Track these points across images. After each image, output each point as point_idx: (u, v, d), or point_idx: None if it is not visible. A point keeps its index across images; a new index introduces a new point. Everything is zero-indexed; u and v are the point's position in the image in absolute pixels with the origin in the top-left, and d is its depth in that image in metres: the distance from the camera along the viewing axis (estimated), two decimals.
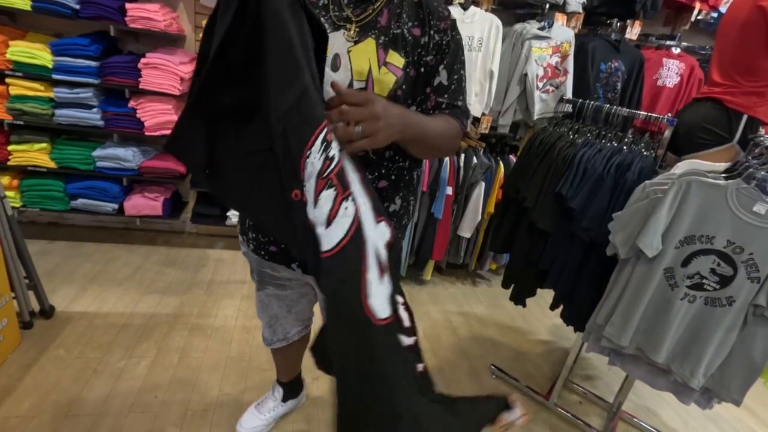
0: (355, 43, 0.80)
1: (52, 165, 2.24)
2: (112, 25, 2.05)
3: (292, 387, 1.54)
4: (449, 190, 2.42)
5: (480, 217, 2.52)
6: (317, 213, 0.64)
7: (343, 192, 0.66)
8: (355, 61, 0.79)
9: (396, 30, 0.80)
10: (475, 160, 2.45)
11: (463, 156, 2.47)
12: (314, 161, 0.63)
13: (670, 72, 2.55)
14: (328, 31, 0.76)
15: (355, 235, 0.66)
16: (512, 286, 1.73)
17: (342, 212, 0.65)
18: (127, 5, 2.03)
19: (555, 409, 1.83)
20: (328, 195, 0.64)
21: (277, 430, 1.52)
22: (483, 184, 2.47)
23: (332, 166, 0.65)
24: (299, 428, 1.55)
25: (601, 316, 1.29)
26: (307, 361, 0.95)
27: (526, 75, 2.38)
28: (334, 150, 0.65)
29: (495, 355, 2.15)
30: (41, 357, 1.66)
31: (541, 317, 2.53)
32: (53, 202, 2.33)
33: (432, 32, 0.82)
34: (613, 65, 2.44)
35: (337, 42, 0.80)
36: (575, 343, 1.74)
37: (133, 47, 2.33)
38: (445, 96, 0.85)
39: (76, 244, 2.48)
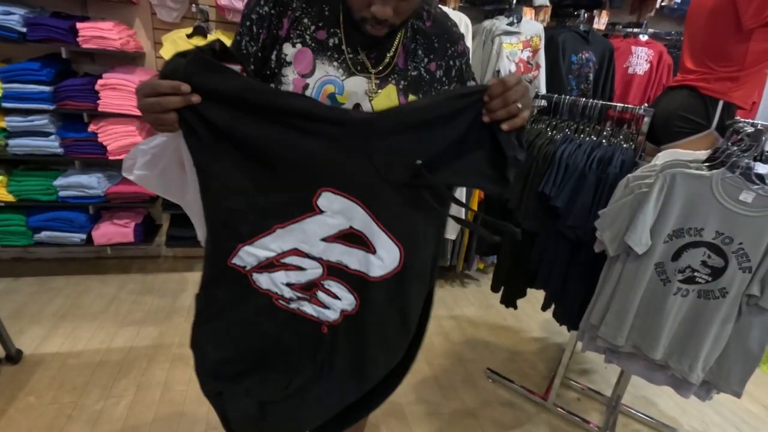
0: (377, 92, 0.80)
1: (10, 198, 2.10)
2: (64, 47, 1.94)
3: None
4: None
5: (463, 218, 2.48)
6: None
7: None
8: (378, 108, 0.80)
9: (413, 72, 0.82)
10: None
11: None
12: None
13: (640, 59, 2.56)
14: (341, 77, 0.78)
15: None
16: (502, 288, 1.69)
17: None
18: (78, 25, 1.92)
19: (554, 409, 1.81)
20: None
21: None
22: None
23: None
24: None
25: (595, 316, 1.26)
26: None
27: (498, 71, 2.35)
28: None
29: (490, 358, 2.12)
30: (9, 407, 1.54)
31: (533, 314, 2.51)
32: (15, 237, 2.19)
33: (451, 62, 0.84)
34: (584, 56, 2.44)
35: (357, 89, 0.79)
36: (570, 341, 1.72)
37: (90, 68, 2.22)
38: None
39: (44, 279, 2.35)
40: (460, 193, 2.44)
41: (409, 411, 1.73)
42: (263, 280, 0.79)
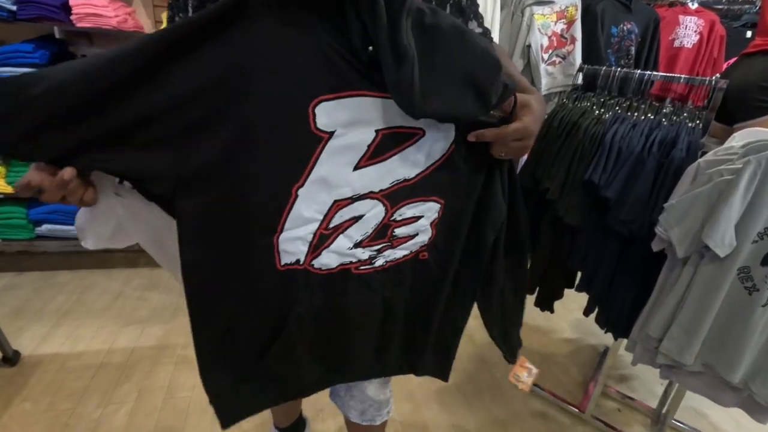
0: None
1: (8, 190, 2.00)
2: (57, 25, 1.80)
3: (294, 429, 1.33)
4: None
5: None
6: None
7: None
8: None
9: None
10: None
11: None
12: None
13: (688, 30, 2.29)
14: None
15: None
16: (537, 290, 1.50)
17: None
18: (72, 2, 1.77)
19: (592, 422, 1.63)
20: None
21: None
22: None
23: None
24: None
25: (654, 327, 1.06)
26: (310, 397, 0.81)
27: (529, 46, 2.13)
28: None
29: None
30: (4, 414, 1.44)
31: (563, 313, 2.31)
32: (16, 231, 2.10)
33: None
34: (625, 28, 2.18)
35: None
36: (613, 349, 1.52)
37: (88, 51, 2.08)
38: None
39: (48, 273, 2.26)
40: None
41: (432, 422, 1.57)
42: (329, 260, 0.66)
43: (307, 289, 0.66)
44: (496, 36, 2.10)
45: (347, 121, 0.57)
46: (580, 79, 1.58)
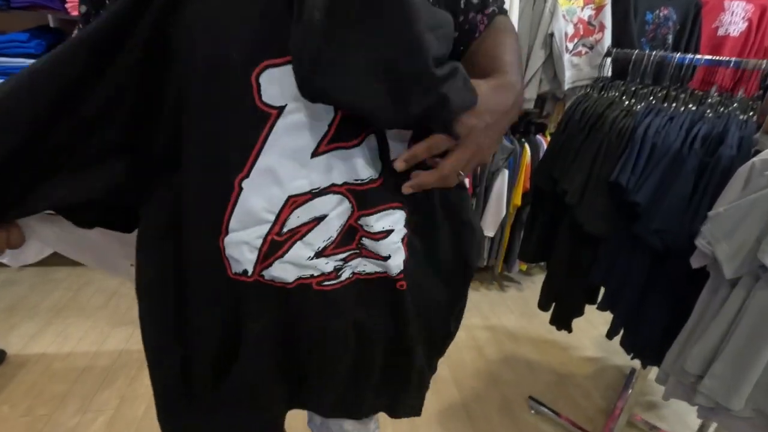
0: None
1: None
2: (51, 14, 1.74)
3: None
4: (465, 183, 2.02)
5: (505, 212, 2.11)
6: None
7: None
8: None
9: None
10: None
11: None
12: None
13: (735, 17, 2.04)
14: None
15: None
16: (552, 306, 1.33)
17: None
18: None
19: None
20: None
21: None
22: (506, 172, 2.06)
23: None
24: None
25: (693, 361, 0.88)
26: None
27: (552, 35, 1.94)
28: None
29: (532, 381, 1.76)
30: None
31: (585, 327, 2.11)
32: None
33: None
34: (661, 14, 1.96)
35: None
36: (640, 375, 1.33)
37: None
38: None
39: (47, 269, 2.22)
40: (501, 183, 2.06)
41: None
42: (283, 272, 0.52)
43: (259, 303, 0.54)
44: (515, 25, 1.92)
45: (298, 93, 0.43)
46: (608, 68, 1.40)
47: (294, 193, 0.48)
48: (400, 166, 0.48)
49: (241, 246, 0.49)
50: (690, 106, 1.04)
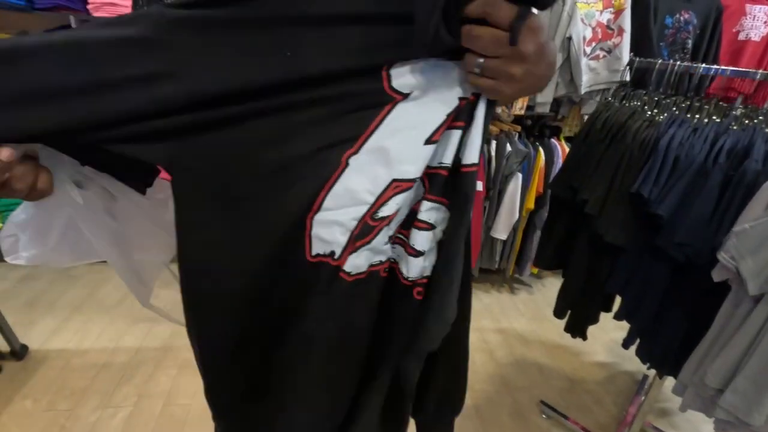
0: None
1: None
2: (72, 15, 1.76)
3: None
4: (479, 186, 2.02)
5: (517, 216, 2.11)
6: None
7: None
8: None
9: None
10: (509, 147, 2.03)
11: (494, 143, 2.05)
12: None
13: (756, 21, 2.02)
14: None
15: None
16: (568, 313, 1.33)
17: None
18: None
19: None
20: None
21: None
22: (520, 175, 2.05)
23: None
24: None
25: (713, 375, 0.88)
26: None
27: (570, 39, 1.92)
28: None
29: (544, 386, 1.77)
30: (4, 411, 1.42)
31: (596, 331, 2.07)
32: None
33: None
34: (682, 18, 1.94)
35: None
36: (655, 383, 1.33)
37: None
38: None
39: None
40: (514, 186, 2.06)
41: None
42: (363, 260, 0.50)
43: (327, 296, 0.50)
44: None
45: (426, 83, 0.43)
46: (627, 76, 1.39)
47: (399, 177, 0.46)
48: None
49: (333, 226, 0.46)
50: (714, 117, 1.03)
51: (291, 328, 0.51)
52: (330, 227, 0.46)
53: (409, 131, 0.44)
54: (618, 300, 1.26)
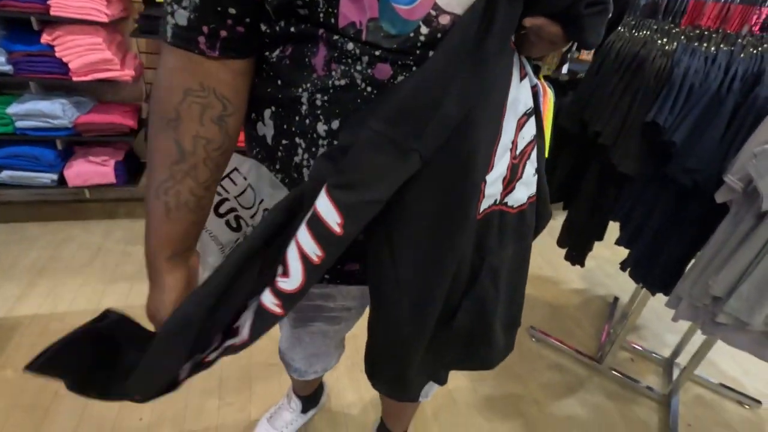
0: None
1: None
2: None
3: (313, 395, 1.24)
4: None
5: None
6: None
7: None
8: None
9: None
10: None
11: None
12: None
13: None
14: None
15: None
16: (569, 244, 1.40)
17: None
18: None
19: (608, 373, 1.62)
20: None
21: None
22: None
23: None
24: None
25: (719, 285, 0.98)
26: None
27: None
28: None
29: (529, 314, 1.90)
30: None
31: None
32: None
33: None
34: None
35: None
36: (638, 304, 1.47)
37: None
38: None
39: (16, 225, 2.02)
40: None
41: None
42: (522, 194, 0.56)
43: (499, 235, 0.53)
44: None
45: None
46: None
47: (519, 115, 0.51)
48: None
49: (498, 180, 0.50)
50: (722, 46, 1.06)
51: (475, 270, 0.53)
52: (496, 182, 0.50)
53: (515, 77, 0.49)
54: (611, 228, 1.35)
